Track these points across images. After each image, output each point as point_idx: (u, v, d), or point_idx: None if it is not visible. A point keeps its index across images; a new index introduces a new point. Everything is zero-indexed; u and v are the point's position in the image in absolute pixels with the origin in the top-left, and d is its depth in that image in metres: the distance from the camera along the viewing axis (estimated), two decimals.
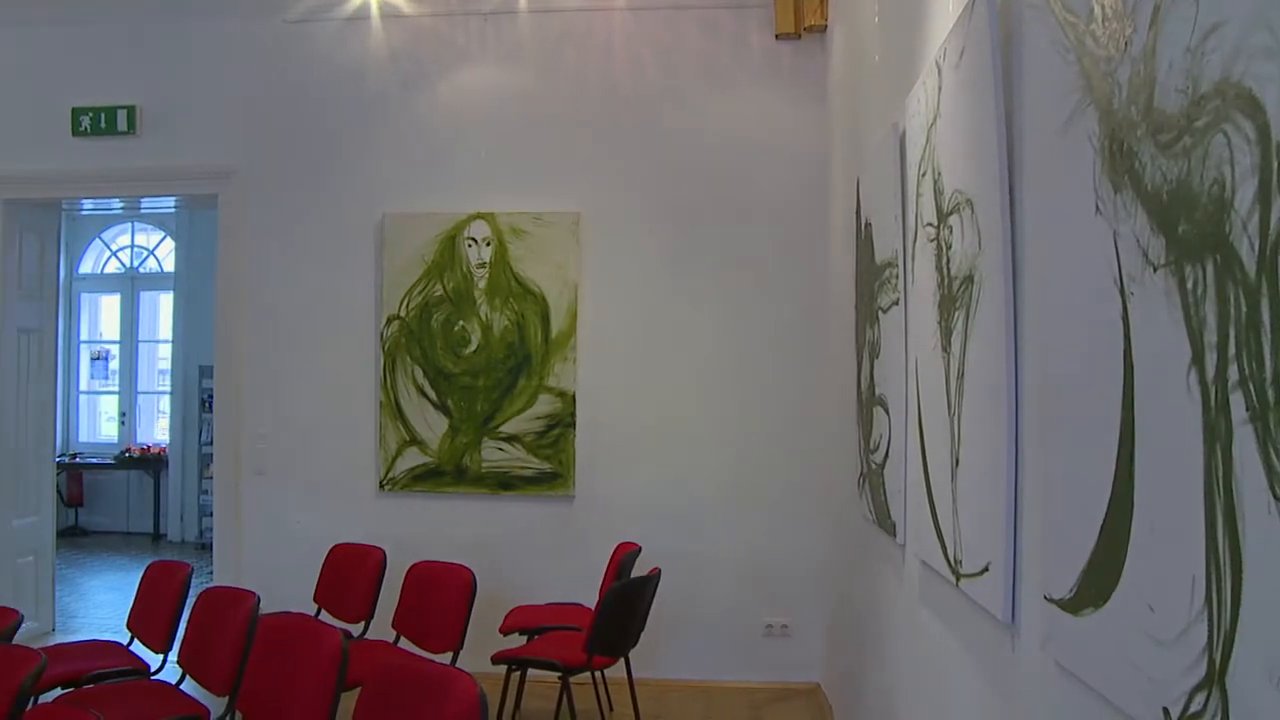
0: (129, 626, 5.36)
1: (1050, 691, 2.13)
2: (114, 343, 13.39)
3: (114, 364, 13.41)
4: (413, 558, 5.71)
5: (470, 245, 6.64)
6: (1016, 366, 2.35)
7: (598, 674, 5.60)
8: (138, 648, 5.23)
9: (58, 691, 4.70)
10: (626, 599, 4.95)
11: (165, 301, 13.03)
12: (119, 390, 13.30)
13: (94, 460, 12.71)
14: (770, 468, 6.50)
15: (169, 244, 12.92)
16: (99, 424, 13.51)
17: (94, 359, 13.51)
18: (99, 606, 9.07)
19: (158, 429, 13.20)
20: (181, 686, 4.66)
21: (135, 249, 13.28)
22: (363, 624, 5.53)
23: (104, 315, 13.53)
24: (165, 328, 13.06)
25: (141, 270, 13.22)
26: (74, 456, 12.61)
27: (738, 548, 6.52)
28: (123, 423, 13.17)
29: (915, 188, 3.37)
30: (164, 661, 5.02)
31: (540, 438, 6.54)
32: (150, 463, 12.44)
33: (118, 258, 13.35)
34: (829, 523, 6.13)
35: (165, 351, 13.05)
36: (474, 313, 6.63)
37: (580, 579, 6.24)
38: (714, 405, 6.55)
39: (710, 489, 6.53)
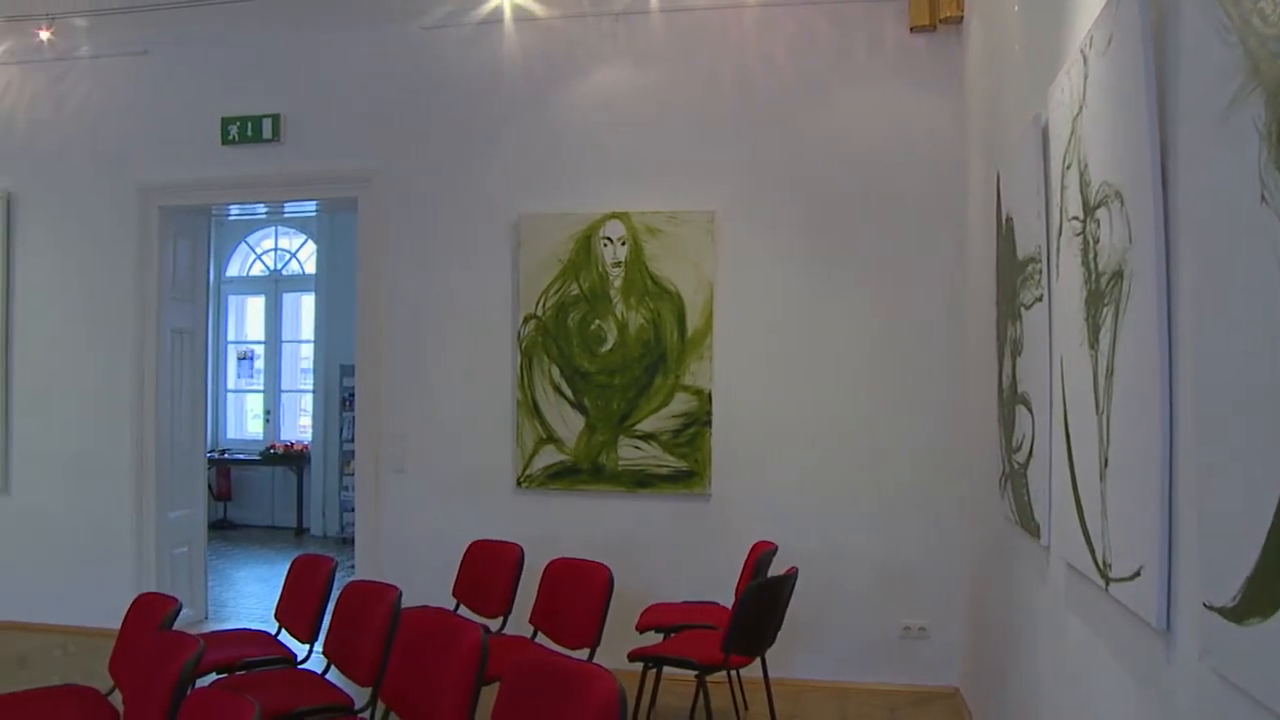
0: (277, 617, 5.52)
1: (1210, 704, 2.05)
2: (259, 343, 13.85)
3: (259, 363, 13.86)
4: (549, 555, 5.78)
5: (606, 245, 6.69)
6: (1171, 364, 2.27)
7: (733, 673, 5.60)
8: (285, 637, 5.40)
9: (213, 676, 4.88)
10: (764, 598, 4.93)
11: (307, 302, 13.42)
12: (264, 389, 13.75)
13: (241, 456, 13.16)
14: (908, 467, 6.41)
15: (310, 246, 13.29)
16: (245, 421, 13.98)
17: (240, 359, 13.97)
18: (247, 597, 9.37)
19: (300, 426, 13.59)
20: (327, 676, 4.80)
21: (279, 252, 13.70)
22: (501, 619, 5.62)
23: (249, 316, 14.00)
24: (307, 328, 13.46)
25: (284, 272, 13.64)
26: (222, 452, 13.07)
27: (875, 547, 6.44)
28: (267, 420, 13.61)
29: (1059, 181, 3.29)
30: (310, 651, 5.17)
31: (676, 436, 6.56)
32: (293, 459, 12.82)
33: (262, 261, 13.79)
34: (968, 523, 6.03)
35: (307, 351, 13.45)
36: (610, 312, 6.68)
37: (716, 577, 6.25)
38: (851, 403, 6.48)
39: (847, 488, 6.47)
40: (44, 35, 7.68)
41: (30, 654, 7.31)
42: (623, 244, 6.66)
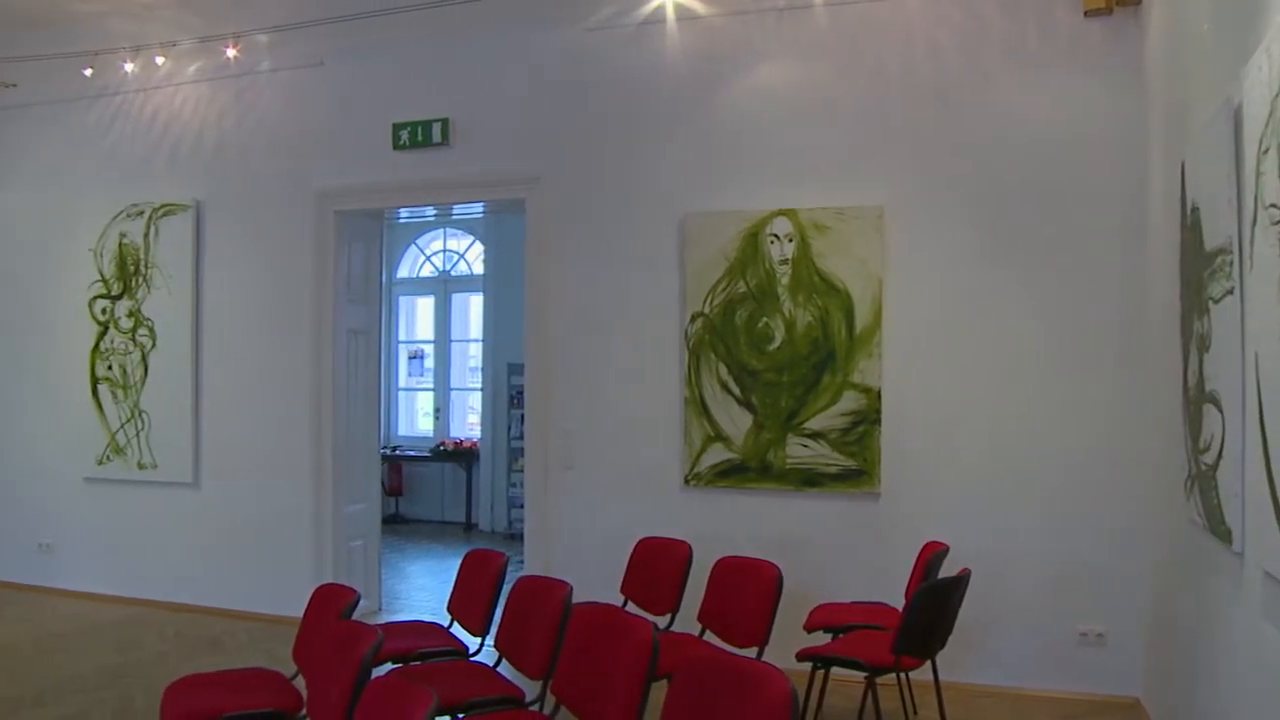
0: (449, 610, 5.65)
1: None
2: (428, 342, 14.21)
3: (429, 362, 14.22)
4: (716, 553, 5.77)
5: (773, 242, 6.66)
6: None
7: (903, 675, 5.51)
8: (457, 630, 5.51)
9: (388, 666, 5.01)
10: (936, 599, 4.84)
11: (475, 302, 13.72)
12: (434, 387, 14.09)
13: (411, 453, 13.52)
14: (1084, 466, 6.19)
15: (478, 248, 13.56)
16: (416, 419, 14.36)
17: (411, 358, 14.36)
18: (419, 590, 9.62)
19: (469, 424, 13.88)
20: (498, 669, 4.88)
21: (447, 253, 14.02)
22: (669, 616, 5.64)
23: (419, 316, 14.37)
24: (475, 327, 13.74)
25: (453, 273, 13.95)
26: (394, 449, 13.45)
27: (1048, 549, 6.24)
28: (437, 418, 13.95)
29: (1255, 166, 3.13)
30: (481, 644, 5.26)
31: (845, 434, 6.48)
32: (463, 456, 13.11)
33: (431, 262, 14.14)
34: (1150, 526, 5.80)
35: (475, 350, 13.74)
36: (777, 309, 6.64)
37: (885, 578, 6.16)
38: (1024, 401, 6.29)
39: (1021, 487, 6.28)
40: (230, 53, 8.10)
41: (221, 637, 7.65)
42: (790, 241, 6.62)
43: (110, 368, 8.81)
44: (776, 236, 6.65)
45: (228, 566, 8.34)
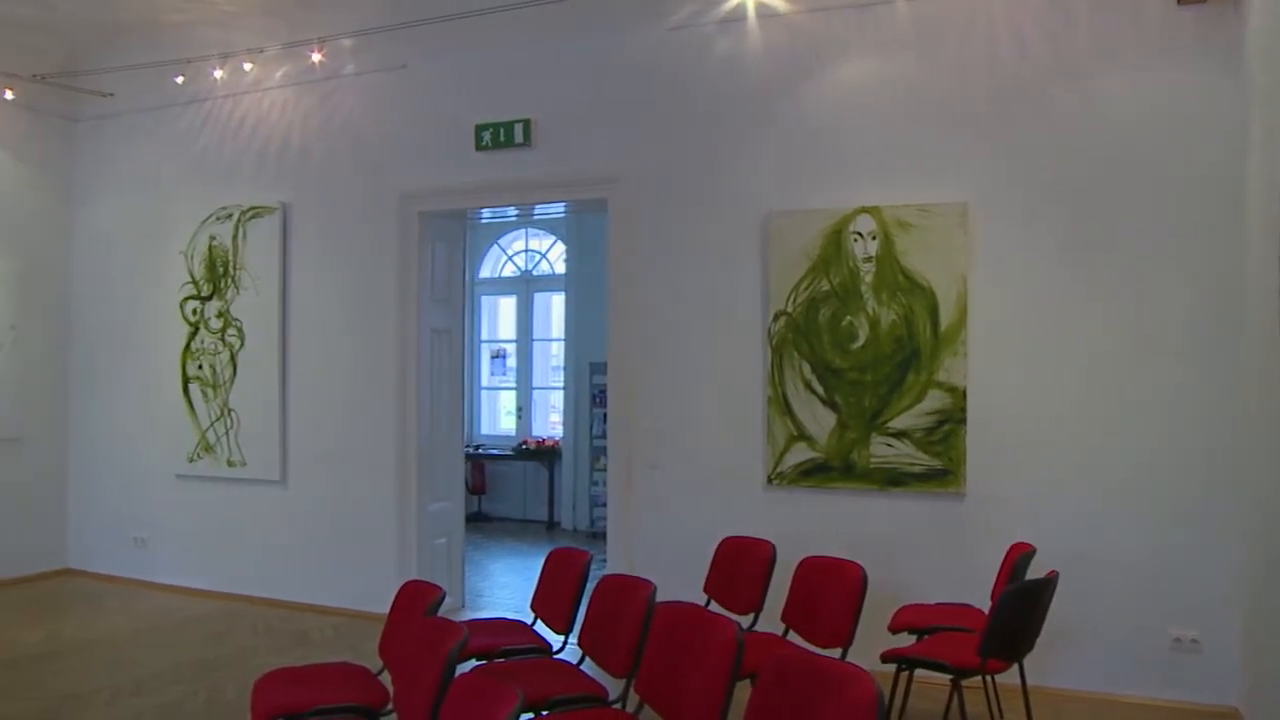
0: (533, 608, 5.67)
1: None
2: (510, 341, 14.30)
3: (511, 361, 14.31)
4: (799, 552, 5.72)
5: (856, 240, 6.60)
6: None
7: (989, 679, 5.42)
8: (540, 628, 5.54)
9: (472, 663, 5.05)
10: (1023, 602, 4.75)
11: (557, 302, 13.78)
12: (516, 386, 14.18)
13: (494, 452, 13.62)
14: (1178, 467, 6.03)
15: (560, 247, 13.62)
16: (498, 418, 14.46)
17: (493, 357, 14.47)
18: (502, 587, 9.68)
19: (551, 423, 13.95)
20: (581, 667, 4.89)
21: (529, 253, 14.10)
22: (752, 616, 5.61)
23: (501, 316, 14.48)
24: (557, 326, 13.81)
25: (535, 273, 14.02)
26: (477, 448, 13.56)
27: (1141, 552, 6.09)
28: (519, 417, 14.04)
29: None
30: (565, 642, 5.28)
31: (929, 434, 6.40)
32: (545, 454, 13.18)
33: (513, 262, 14.23)
34: (1248, 528, 5.65)
35: (557, 349, 13.80)
36: (861, 308, 6.57)
37: (970, 579, 6.07)
38: (1115, 399, 6.14)
39: (1111, 488, 6.14)
40: (316, 57, 8.24)
41: (308, 632, 7.77)
42: (873, 239, 6.55)
43: (200, 367, 8.99)
44: (860, 234, 6.58)
45: (314, 563, 8.47)
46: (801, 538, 6.33)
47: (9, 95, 9.14)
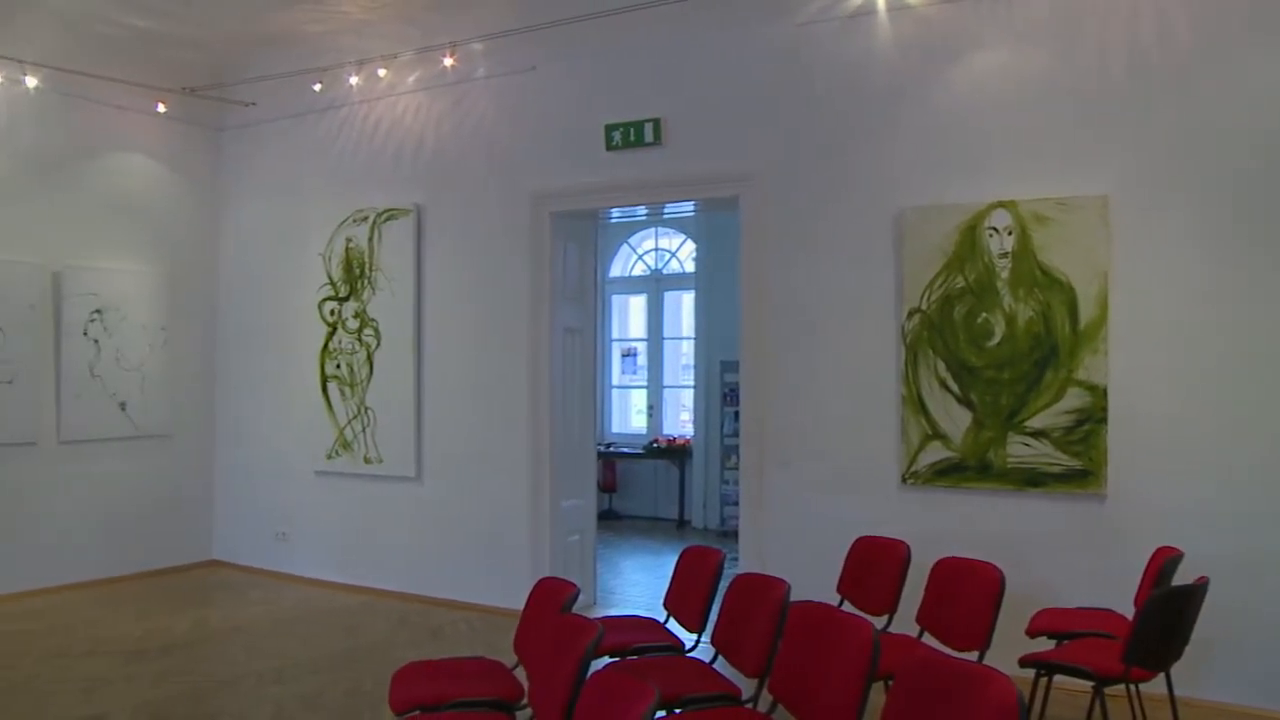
0: (666, 605, 5.68)
1: None
2: (641, 340, 14.36)
3: (641, 360, 14.36)
4: (933, 553, 5.62)
5: (991, 235, 6.45)
6: None
7: (1133, 687, 5.24)
8: (673, 625, 5.54)
9: (605, 660, 5.07)
10: (1170, 608, 4.59)
11: (687, 300, 13.79)
12: (646, 385, 14.23)
13: (625, 450, 13.69)
14: None
15: (689, 246, 13.62)
16: (629, 416, 14.53)
17: (624, 356, 14.54)
18: (633, 585, 9.73)
19: (681, 421, 13.96)
20: (714, 665, 4.88)
21: (659, 252, 14.13)
22: (886, 617, 5.54)
23: (631, 314, 14.54)
24: (687, 325, 13.81)
25: (665, 271, 14.05)
26: (608, 446, 13.63)
27: None
28: (650, 415, 14.08)
29: None
30: (697, 641, 5.27)
31: (1069, 433, 6.21)
32: (675, 453, 13.20)
33: (643, 260, 14.28)
34: None
35: (687, 348, 13.80)
36: (997, 304, 6.42)
37: (1110, 583, 5.88)
38: (1266, 398, 5.85)
39: (1266, 491, 5.83)
40: (447, 61, 8.39)
41: (442, 626, 7.92)
42: (1009, 234, 6.39)
43: (338, 366, 9.22)
44: (995, 229, 6.44)
45: (448, 558, 8.62)
46: (936, 538, 6.19)
47: (161, 108, 9.53)
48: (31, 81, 8.53)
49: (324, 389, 9.32)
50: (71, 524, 9.14)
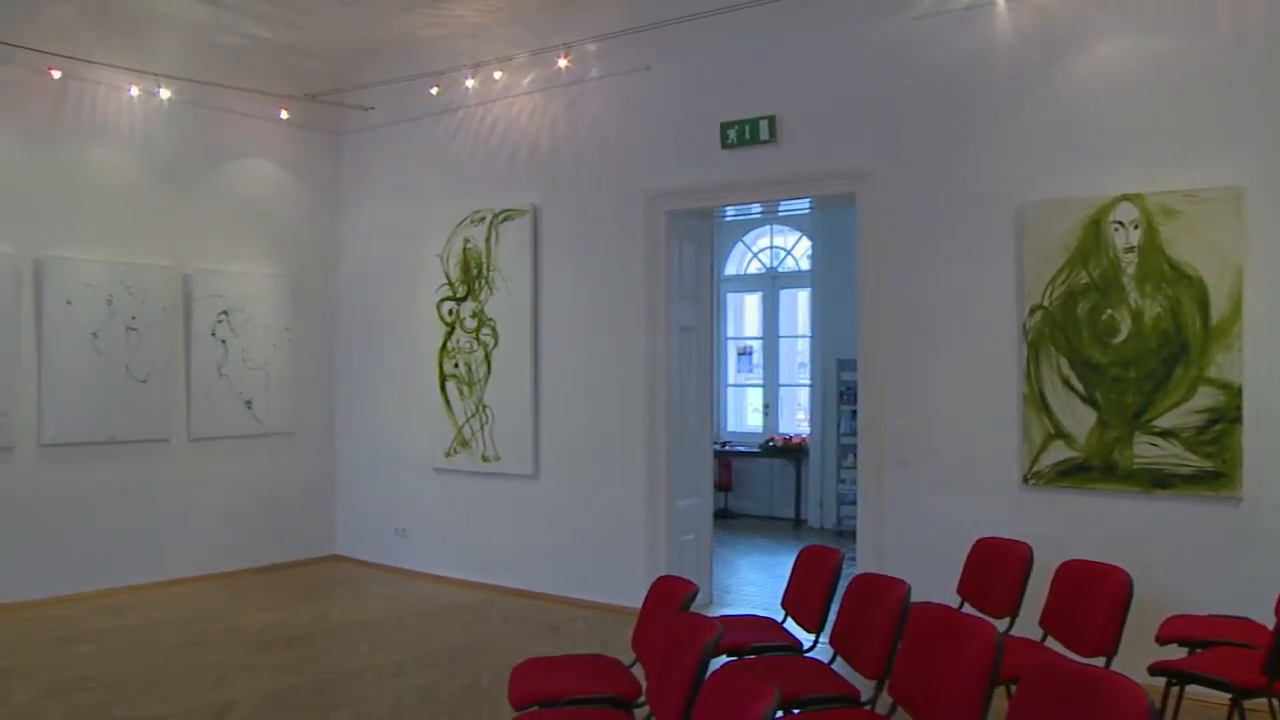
0: (784, 605, 5.66)
1: None
2: (756, 339, 14.31)
3: (756, 358, 14.32)
4: (1055, 555, 5.49)
5: (1117, 229, 6.27)
6: None
7: (1276, 701, 5.05)
8: (790, 625, 5.51)
9: (722, 659, 5.06)
10: None
11: (802, 298, 13.70)
12: (762, 383, 14.17)
13: (741, 449, 13.66)
14: None
15: (804, 243, 13.53)
16: (745, 415, 14.50)
17: (739, 354, 14.51)
18: (748, 584, 9.70)
19: (797, 420, 13.88)
20: (833, 666, 4.84)
21: (773, 249, 14.07)
22: (1008, 620, 5.43)
23: (746, 313, 14.50)
24: (803, 323, 13.73)
25: (780, 269, 13.98)
26: (723, 444, 13.61)
27: None
28: (765, 414, 14.02)
29: None
30: (815, 641, 5.23)
31: (1199, 433, 6.01)
32: (791, 452, 13.14)
33: (758, 258, 14.22)
34: None
35: (803, 346, 13.72)
36: (1122, 300, 6.24)
37: (1246, 591, 5.65)
38: None
39: None
40: (562, 63, 8.45)
41: (559, 623, 7.99)
42: (1135, 228, 6.21)
43: (456, 365, 9.36)
44: (1121, 223, 6.26)
45: (565, 556, 8.69)
46: (1058, 540, 6.05)
47: (284, 115, 9.79)
48: (165, 93, 8.90)
49: (442, 388, 9.47)
50: (201, 518, 9.47)
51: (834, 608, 5.12)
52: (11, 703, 6.08)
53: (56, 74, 8.37)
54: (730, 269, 14.41)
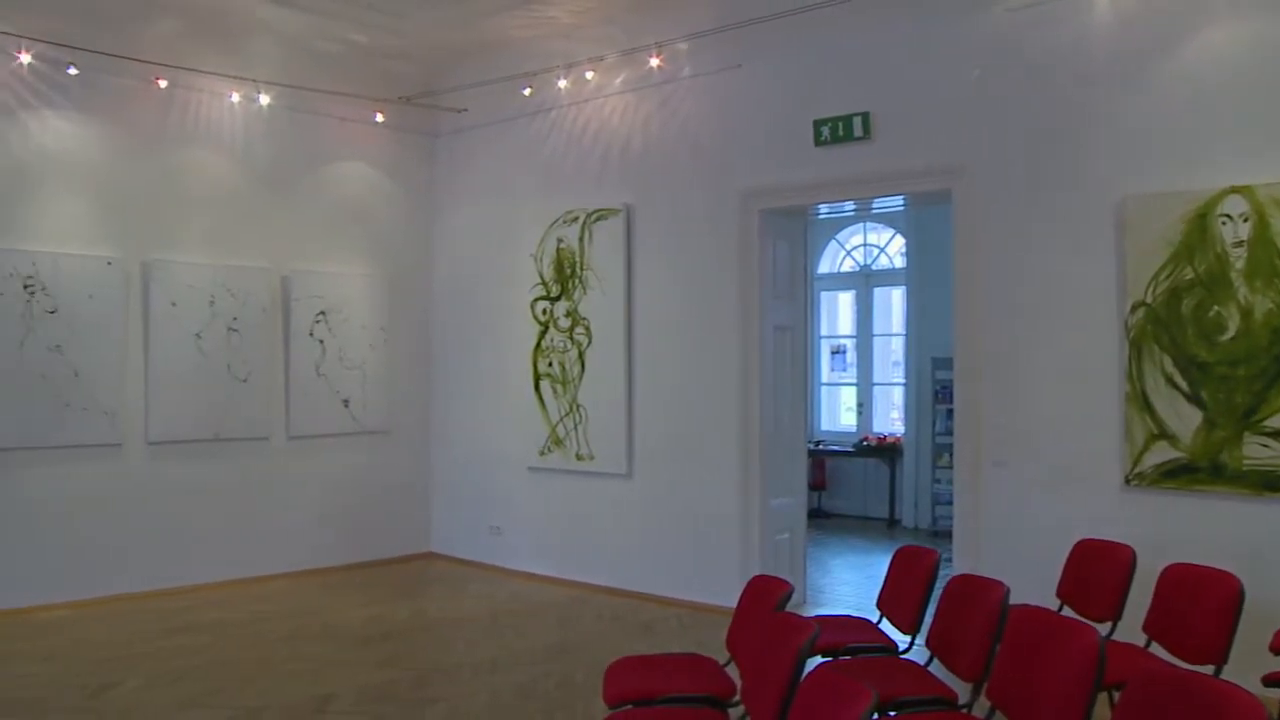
0: (879, 606, 5.61)
1: None
2: (849, 337, 14.20)
3: (850, 357, 14.20)
4: (1160, 558, 5.36)
5: (1224, 223, 6.10)
6: None
7: None
8: (886, 626, 5.46)
9: (817, 659, 5.03)
10: None
11: (896, 296, 13.57)
12: (856, 382, 14.06)
13: (834, 448, 13.56)
14: None
15: (898, 241, 13.39)
16: (838, 414, 14.39)
17: (833, 353, 14.41)
18: (842, 584, 9.64)
19: (891, 419, 13.75)
20: (929, 668, 4.78)
21: (867, 247, 13.95)
22: (1109, 624, 5.32)
23: (840, 311, 14.39)
24: (897, 321, 13.59)
25: (873, 267, 13.85)
26: (817, 444, 13.52)
27: None
28: (859, 412, 13.91)
29: None
30: (911, 642, 5.18)
31: None
32: (885, 451, 13.01)
33: (852, 256, 14.11)
34: None
35: (897, 344, 13.59)
36: (1231, 296, 6.07)
37: None
38: None
39: None
40: (654, 62, 8.45)
41: (652, 622, 8.01)
42: (1245, 221, 6.02)
43: (550, 365, 9.42)
44: (1229, 217, 6.08)
45: (659, 555, 8.70)
46: (1162, 543, 5.91)
47: (379, 118, 9.95)
48: (264, 99, 9.09)
49: (536, 387, 9.54)
50: (299, 515, 9.68)
51: (930, 609, 5.07)
52: (122, 689, 6.30)
53: (163, 83, 8.62)
54: (824, 267, 14.31)
